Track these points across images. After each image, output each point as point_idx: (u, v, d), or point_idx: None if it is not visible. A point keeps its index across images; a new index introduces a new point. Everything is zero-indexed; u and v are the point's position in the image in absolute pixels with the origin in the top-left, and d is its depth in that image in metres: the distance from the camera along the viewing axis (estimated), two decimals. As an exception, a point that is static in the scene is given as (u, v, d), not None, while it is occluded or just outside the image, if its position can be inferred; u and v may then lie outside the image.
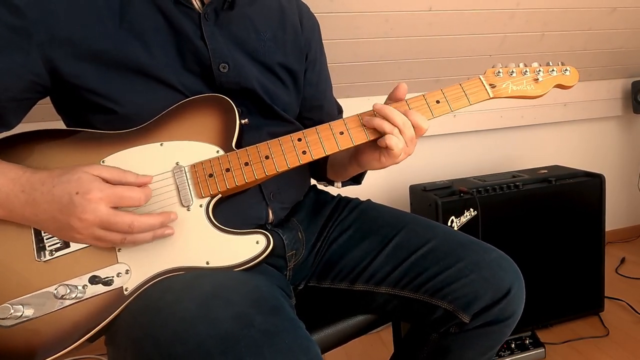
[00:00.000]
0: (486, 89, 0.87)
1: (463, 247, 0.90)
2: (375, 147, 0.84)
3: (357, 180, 1.06)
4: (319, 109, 1.05)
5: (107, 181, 0.70)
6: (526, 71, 0.89)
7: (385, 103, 0.85)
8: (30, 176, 0.69)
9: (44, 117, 0.86)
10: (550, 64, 0.90)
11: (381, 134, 0.81)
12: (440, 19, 1.74)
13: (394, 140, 0.79)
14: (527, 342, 1.68)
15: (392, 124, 0.79)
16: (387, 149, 0.80)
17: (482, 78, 0.88)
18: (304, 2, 1.04)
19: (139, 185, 0.73)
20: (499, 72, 0.88)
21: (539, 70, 0.89)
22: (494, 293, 0.84)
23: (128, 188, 0.71)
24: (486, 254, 0.89)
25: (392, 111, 0.79)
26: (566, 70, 0.91)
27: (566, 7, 1.85)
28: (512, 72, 0.88)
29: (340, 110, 1.15)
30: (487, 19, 1.80)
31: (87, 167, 0.69)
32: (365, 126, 0.82)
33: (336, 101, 1.14)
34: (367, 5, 1.61)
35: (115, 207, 0.69)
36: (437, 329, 0.89)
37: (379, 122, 0.80)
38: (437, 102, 0.85)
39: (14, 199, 0.68)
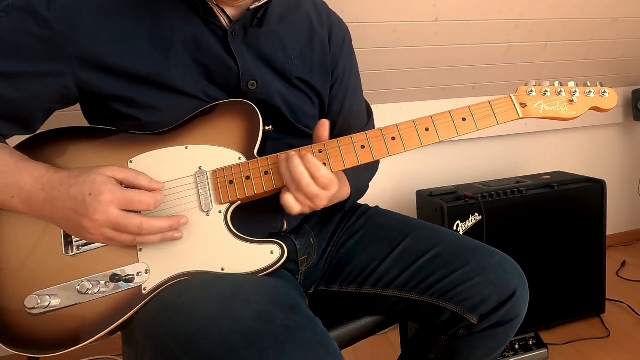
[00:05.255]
0: (516, 109, 0.82)
1: (469, 251, 0.90)
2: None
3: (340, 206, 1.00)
4: (345, 121, 1.02)
5: (120, 183, 0.71)
6: (561, 91, 0.83)
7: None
8: (52, 176, 0.71)
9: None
10: (588, 85, 0.84)
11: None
12: (446, 29, 1.76)
13: (290, 200, 0.75)
14: (531, 342, 1.68)
15: (292, 179, 0.74)
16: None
17: (512, 97, 0.83)
18: (335, 12, 1.01)
19: (150, 190, 0.73)
20: (531, 90, 0.83)
21: (575, 91, 0.83)
22: (499, 295, 0.85)
23: (139, 192, 0.71)
24: (491, 258, 0.89)
25: (292, 164, 0.74)
26: (604, 92, 0.84)
27: (568, 17, 1.87)
28: (546, 91, 0.83)
29: (370, 115, 1.10)
30: (491, 29, 1.82)
31: (103, 168, 0.71)
32: (386, 142, 0.79)
33: (367, 107, 1.10)
34: (375, 15, 1.63)
35: (126, 210, 0.70)
36: (446, 331, 0.89)
37: (282, 170, 0.76)
38: (464, 119, 0.81)
39: (34, 196, 0.70)
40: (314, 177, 0.74)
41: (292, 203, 0.75)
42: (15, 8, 0.72)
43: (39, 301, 0.73)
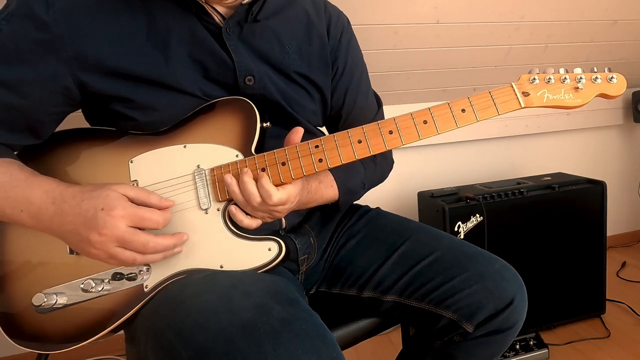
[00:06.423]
0: (518, 98, 0.79)
1: (467, 258, 0.90)
2: None
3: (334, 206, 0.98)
4: (349, 115, 1.02)
5: (132, 200, 0.72)
6: (565, 78, 0.80)
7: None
8: (63, 190, 0.72)
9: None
10: (595, 70, 0.81)
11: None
12: (447, 31, 1.77)
13: (238, 216, 0.77)
14: (532, 343, 1.69)
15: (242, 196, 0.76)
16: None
17: (514, 85, 0.80)
18: (334, 5, 1.00)
19: (161, 208, 0.74)
20: (534, 79, 0.80)
21: (581, 78, 0.79)
22: (497, 303, 0.85)
23: (150, 210, 0.72)
24: (490, 265, 0.88)
25: (243, 183, 0.76)
26: (612, 78, 0.81)
27: (569, 19, 1.88)
28: (550, 79, 0.80)
29: (380, 105, 1.08)
30: (492, 31, 1.83)
31: (116, 185, 0.72)
32: (383, 136, 0.78)
33: (376, 99, 1.08)
34: (377, 18, 1.63)
35: (135, 227, 0.70)
36: (441, 337, 0.89)
37: (233, 190, 0.77)
38: (463, 110, 0.78)
39: (44, 210, 0.71)
40: (266, 203, 0.75)
41: (248, 222, 0.77)
42: (15, 15, 0.73)
43: (46, 299, 0.75)
